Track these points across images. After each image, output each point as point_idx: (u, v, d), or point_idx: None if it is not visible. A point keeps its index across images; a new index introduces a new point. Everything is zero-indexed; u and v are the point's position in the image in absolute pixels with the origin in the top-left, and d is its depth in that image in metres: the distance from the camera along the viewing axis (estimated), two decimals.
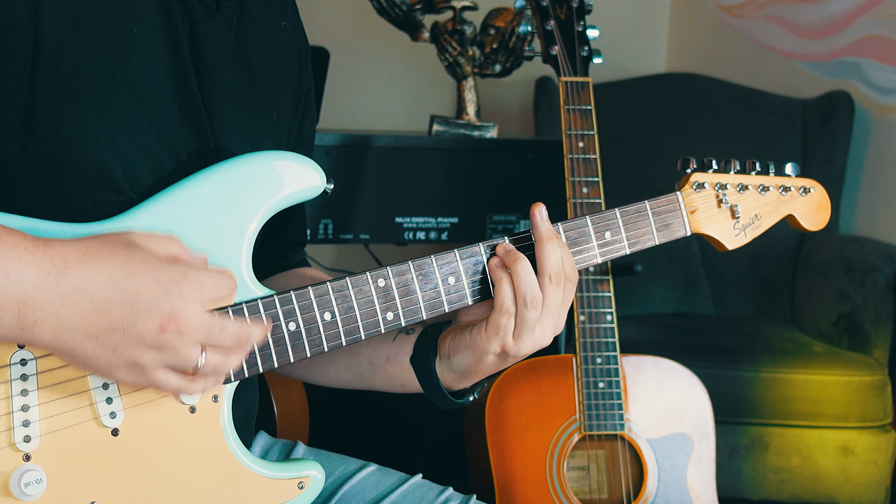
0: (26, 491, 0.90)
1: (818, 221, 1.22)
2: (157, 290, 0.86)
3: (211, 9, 1.05)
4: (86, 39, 0.94)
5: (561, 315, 1.06)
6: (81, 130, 0.93)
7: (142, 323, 0.86)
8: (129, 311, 0.85)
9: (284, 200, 1.00)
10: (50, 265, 0.83)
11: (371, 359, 1.15)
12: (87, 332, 0.85)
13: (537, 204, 1.05)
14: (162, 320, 0.86)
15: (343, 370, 1.19)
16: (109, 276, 0.85)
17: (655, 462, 1.74)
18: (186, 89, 1.01)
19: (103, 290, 0.84)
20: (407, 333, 1.14)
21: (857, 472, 2.50)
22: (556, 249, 1.04)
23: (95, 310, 0.84)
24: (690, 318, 2.89)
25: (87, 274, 0.84)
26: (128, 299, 0.85)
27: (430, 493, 1.19)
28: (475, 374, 1.09)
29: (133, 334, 0.86)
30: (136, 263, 0.86)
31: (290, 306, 0.98)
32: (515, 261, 1.03)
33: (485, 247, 1.06)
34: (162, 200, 0.96)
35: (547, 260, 1.04)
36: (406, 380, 1.14)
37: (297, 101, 1.20)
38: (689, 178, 1.16)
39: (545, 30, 1.79)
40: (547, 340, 1.06)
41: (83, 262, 0.85)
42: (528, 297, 1.03)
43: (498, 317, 1.03)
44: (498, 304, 1.03)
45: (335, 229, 2.09)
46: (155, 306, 0.86)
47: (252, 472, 0.99)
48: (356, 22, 3.24)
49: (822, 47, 3.20)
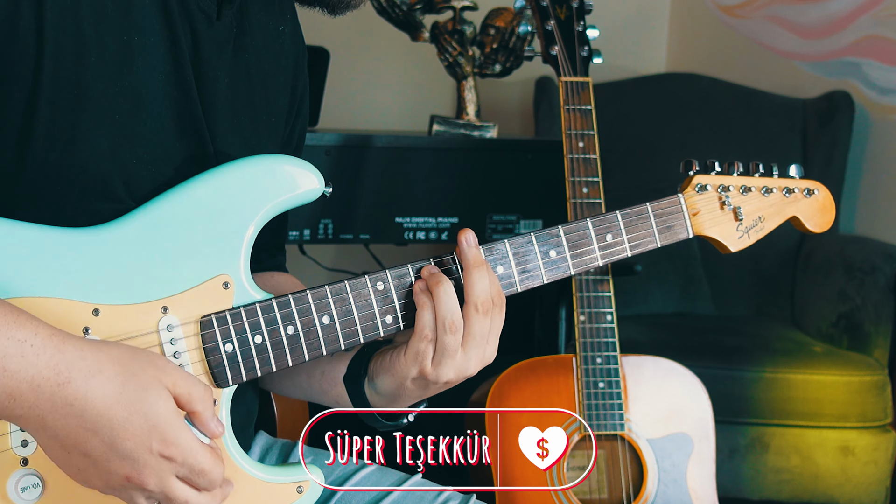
0: (23, 495, 0.90)
1: (822, 223, 1.21)
2: (141, 445, 0.86)
3: (212, 17, 1.04)
4: (87, 49, 0.93)
5: (490, 343, 1.03)
6: (81, 140, 0.93)
7: (113, 465, 0.86)
8: (107, 450, 0.85)
9: (283, 204, 0.99)
10: (53, 372, 0.83)
11: (309, 372, 1.14)
12: (62, 444, 0.85)
13: (464, 230, 1.02)
14: (132, 473, 0.86)
15: (288, 384, 1.18)
16: (106, 407, 0.84)
17: (655, 462, 1.74)
18: (187, 98, 1.01)
19: (93, 419, 0.84)
20: (346, 349, 1.13)
21: (857, 472, 2.50)
22: (484, 277, 1.01)
23: (78, 431, 0.84)
24: (690, 318, 2.89)
25: (87, 395, 0.84)
26: (111, 439, 0.85)
27: (429, 493, 1.18)
28: (400, 398, 1.07)
29: (101, 469, 0.86)
30: (139, 406, 0.85)
31: (288, 310, 0.98)
32: (437, 283, 1.00)
33: (412, 267, 1.03)
34: (158, 206, 0.96)
35: (474, 288, 1.00)
36: (339, 396, 1.12)
37: (291, 104, 1.20)
38: (691, 180, 1.15)
39: (545, 30, 1.79)
40: (472, 370, 1.03)
41: (89, 381, 0.84)
42: (447, 323, 0.99)
43: (417, 342, 1.01)
44: (418, 328, 1.01)
45: (335, 229, 2.09)
46: (132, 458, 0.85)
47: (250, 476, 0.99)
48: (356, 22, 3.23)
49: (822, 47, 3.20)
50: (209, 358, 0.96)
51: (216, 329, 0.96)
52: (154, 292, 0.94)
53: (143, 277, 0.94)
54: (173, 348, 0.95)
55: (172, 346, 0.95)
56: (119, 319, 0.93)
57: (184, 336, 0.95)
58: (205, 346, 0.96)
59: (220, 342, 0.96)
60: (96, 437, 0.84)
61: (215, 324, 0.96)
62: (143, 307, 0.94)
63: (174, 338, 0.95)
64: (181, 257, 0.95)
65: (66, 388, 0.83)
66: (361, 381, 1.09)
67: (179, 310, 0.95)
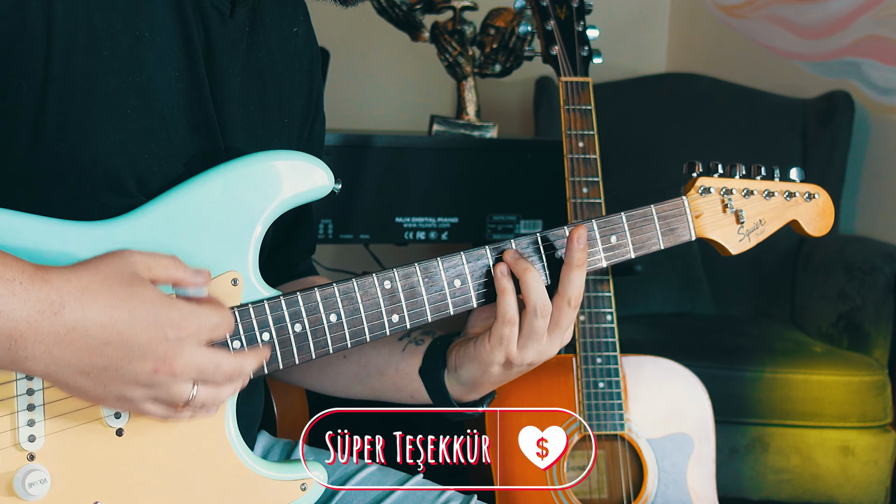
0: (30, 491, 0.90)
1: (822, 227, 1.22)
2: (154, 334, 0.86)
3: (225, 15, 1.04)
4: (98, 43, 0.93)
5: (568, 331, 1.08)
6: (92, 135, 0.93)
7: (136, 364, 0.86)
8: (124, 352, 0.85)
9: (292, 200, 0.99)
10: (45, 304, 0.83)
11: (380, 369, 1.15)
12: (79, 369, 0.85)
13: (579, 228, 1.05)
14: (156, 362, 0.86)
15: (352, 380, 1.18)
16: (108, 318, 0.84)
17: (655, 462, 1.75)
18: (199, 95, 1.01)
19: (100, 332, 0.84)
20: (416, 344, 1.13)
21: (857, 472, 2.50)
22: (582, 277, 1.05)
23: (90, 350, 0.84)
24: (690, 318, 2.89)
25: (84, 314, 0.84)
26: (123, 342, 0.85)
27: (430, 492, 1.19)
28: (482, 385, 1.10)
29: (126, 374, 0.86)
30: (135, 303, 0.86)
31: (296, 308, 0.98)
32: (525, 270, 1.03)
33: (491, 250, 1.05)
34: (168, 201, 0.96)
35: (572, 284, 1.04)
36: (415, 391, 1.14)
37: (308, 107, 1.20)
38: (694, 183, 1.15)
39: (545, 30, 1.79)
40: (553, 353, 1.07)
41: (81, 300, 0.84)
42: (538, 308, 1.03)
43: (500, 327, 1.03)
44: (500, 314, 1.03)
45: (335, 229, 2.09)
46: (150, 349, 0.86)
47: (255, 473, 0.99)
48: (356, 22, 3.23)
49: (822, 47, 3.20)
50: None
51: None
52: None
53: None
54: None
55: None
56: None
57: None
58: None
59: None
60: (109, 348, 0.85)
61: None
62: None
63: None
64: (190, 253, 0.95)
65: (63, 314, 0.83)
66: (440, 373, 1.10)
67: None
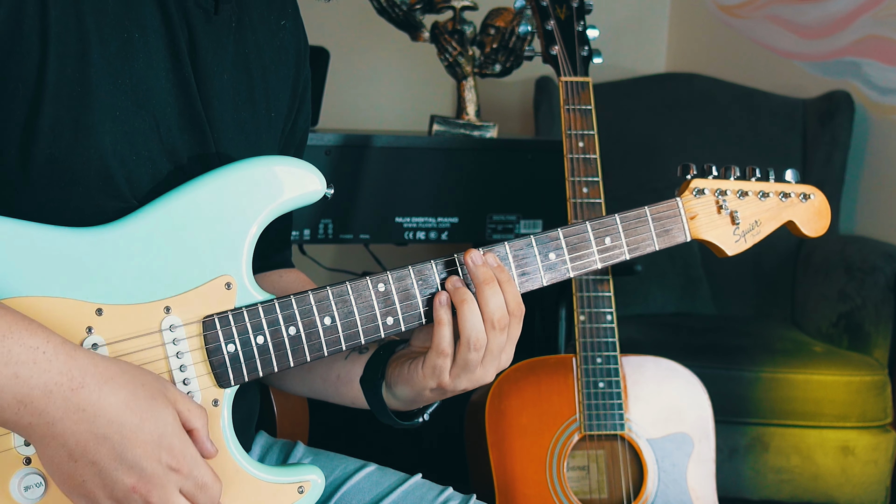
0: (26, 495, 0.90)
1: (818, 228, 1.22)
2: (150, 451, 0.86)
3: (209, 12, 1.05)
4: (89, 46, 0.93)
5: (506, 352, 1.04)
6: (84, 137, 0.93)
7: (119, 474, 0.86)
8: (115, 458, 0.85)
9: (285, 205, 1.00)
10: (66, 377, 0.83)
11: (323, 375, 1.15)
12: (69, 452, 0.85)
13: (467, 252, 1.02)
14: (139, 481, 0.86)
15: (299, 383, 1.19)
16: (118, 415, 0.85)
17: (655, 462, 1.75)
18: (186, 94, 1.01)
19: (105, 424, 0.84)
20: (360, 352, 1.13)
21: (857, 472, 2.50)
22: (497, 293, 1.01)
23: (88, 437, 0.84)
24: (690, 318, 2.89)
25: (99, 400, 0.84)
26: (121, 446, 0.85)
27: (429, 492, 1.19)
28: (418, 403, 1.09)
29: (107, 479, 0.86)
30: (150, 416, 0.86)
31: (290, 311, 0.98)
32: (462, 301, 1.00)
33: (440, 265, 1.04)
34: (163, 206, 0.96)
35: (488, 305, 1.00)
36: (356, 398, 1.13)
37: (293, 99, 1.20)
38: (688, 184, 1.16)
39: (545, 30, 1.79)
40: (489, 378, 1.04)
41: (101, 387, 0.84)
42: (472, 341, 1.00)
43: (434, 357, 1.02)
44: (435, 344, 1.01)
45: (335, 229, 2.09)
46: (140, 464, 0.86)
47: (252, 476, 0.99)
48: (356, 22, 3.24)
49: (822, 47, 3.20)
50: (212, 358, 0.97)
51: (218, 329, 0.97)
52: (157, 292, 0.95)
53: (146, 277, 0.94)
54: (176, 348, 0.96)
55: (175, 346, 0.95)
56: (122, 319, 0.93)
57: (186, 336, 0.96)
58: (207, 347, 0.96)
59: (223, 342, 0.96)
60: (106, 444, 0.85)
61: (217, 324, 0.97)
62: (146, 307, 0.95)
63: (177, 338, 0.95)
64: (184, 258, 0.95)
65: (79, 392, 0.84)
66: (378, 384, 1.10)
67: (182, 310, 0.96)
